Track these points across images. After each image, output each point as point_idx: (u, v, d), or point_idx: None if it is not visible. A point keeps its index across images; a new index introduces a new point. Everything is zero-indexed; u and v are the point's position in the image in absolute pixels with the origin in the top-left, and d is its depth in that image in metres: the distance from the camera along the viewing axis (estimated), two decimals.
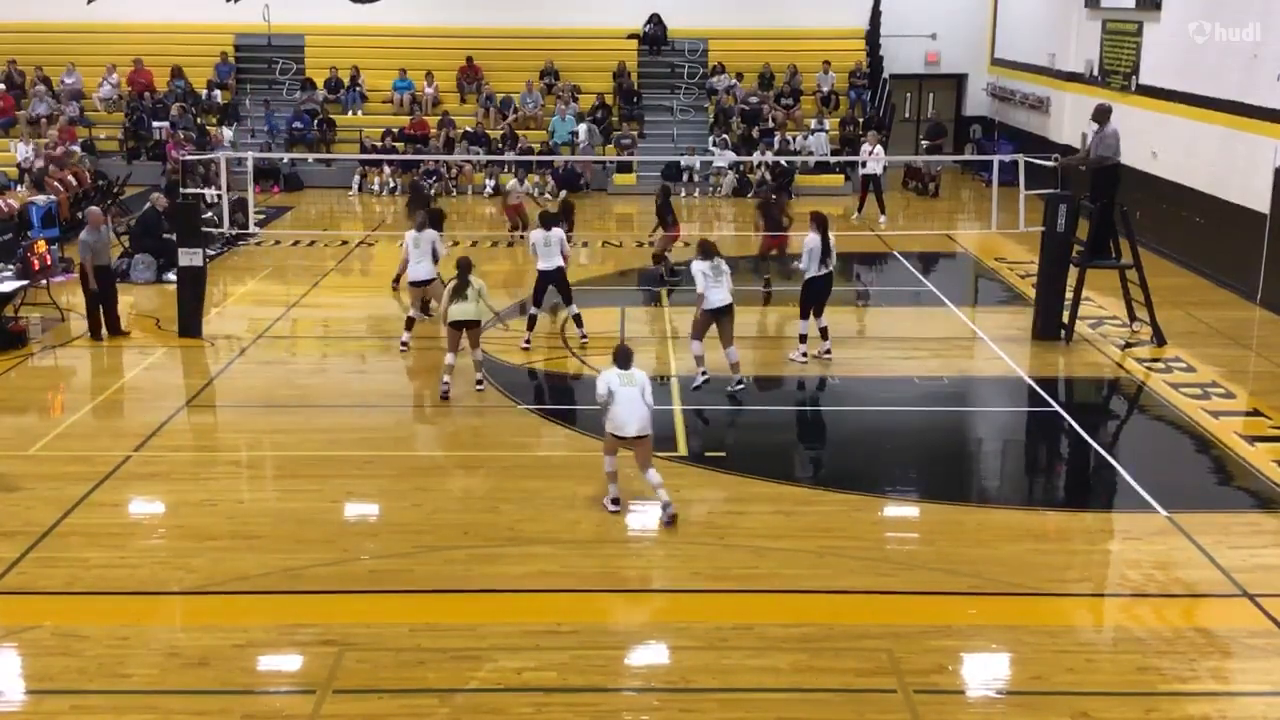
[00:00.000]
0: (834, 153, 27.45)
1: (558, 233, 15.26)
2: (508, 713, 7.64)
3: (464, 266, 13.40)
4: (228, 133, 27.22)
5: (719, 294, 13.45)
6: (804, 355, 14.78)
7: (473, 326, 13.38)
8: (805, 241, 14.50)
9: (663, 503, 10.39)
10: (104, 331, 15.57)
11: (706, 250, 13.55)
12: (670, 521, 10.29)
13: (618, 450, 10.53)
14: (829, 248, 14.47)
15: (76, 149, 25.47)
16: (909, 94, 31.78)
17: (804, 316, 14.76)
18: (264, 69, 30.07)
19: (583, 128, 27.76)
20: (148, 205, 19.28)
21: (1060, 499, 11.74)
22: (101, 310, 15.57)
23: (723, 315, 13.52)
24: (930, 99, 32.13)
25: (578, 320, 15.40)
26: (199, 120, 28.03)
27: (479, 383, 13.64)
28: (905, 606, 9.13)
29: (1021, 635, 8.64)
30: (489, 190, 26.60)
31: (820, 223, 14.54)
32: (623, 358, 10.50)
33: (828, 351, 14.86)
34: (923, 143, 29.75)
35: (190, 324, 15.63)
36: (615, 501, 10.59)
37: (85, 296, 15.52)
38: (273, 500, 10.96)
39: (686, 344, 14.26)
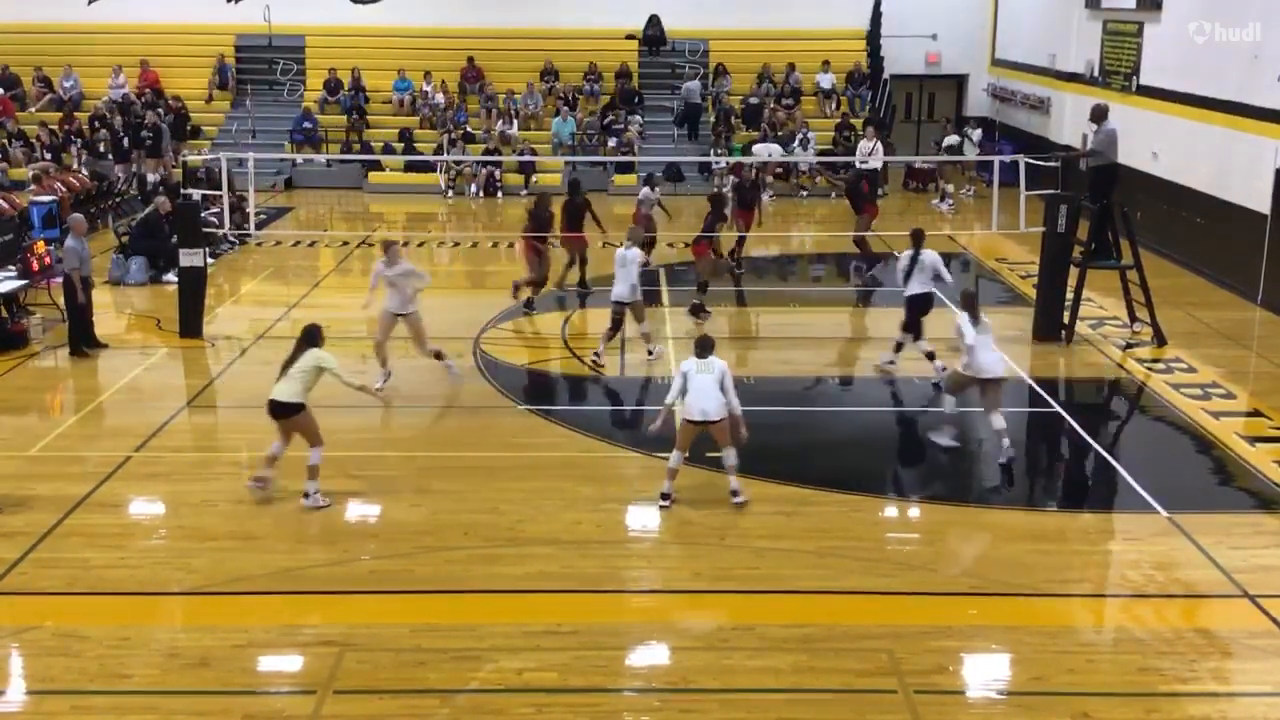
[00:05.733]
0: (834, 153, 27.40)
1: (636, 253, 14.49)
2: (508, 713, 7.65)
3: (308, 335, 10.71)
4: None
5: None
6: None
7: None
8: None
9: (731, 489, 10.61)
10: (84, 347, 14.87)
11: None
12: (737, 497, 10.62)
13: (689, 442, 10.67)
14: None
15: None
16: (909, 94, 31.77)
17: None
18: (264, 69, 30.07)
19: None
20: (151, 207, 19.34)
21: (1061, 499, 11.75)
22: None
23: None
24: (930, 99, 32.10)
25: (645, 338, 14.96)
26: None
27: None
28: (905, 607, 9.13)
29: (1021, 635, 8.64)
30: None
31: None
32: (701, 347, 10.63)
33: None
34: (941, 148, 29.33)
35: (191, 324, 15.64)
36: (666, 496, 10.64)
37: (70, 309, 14.72)
38: (273, 500, 10.96)
39: (687, 344, 14.16)
